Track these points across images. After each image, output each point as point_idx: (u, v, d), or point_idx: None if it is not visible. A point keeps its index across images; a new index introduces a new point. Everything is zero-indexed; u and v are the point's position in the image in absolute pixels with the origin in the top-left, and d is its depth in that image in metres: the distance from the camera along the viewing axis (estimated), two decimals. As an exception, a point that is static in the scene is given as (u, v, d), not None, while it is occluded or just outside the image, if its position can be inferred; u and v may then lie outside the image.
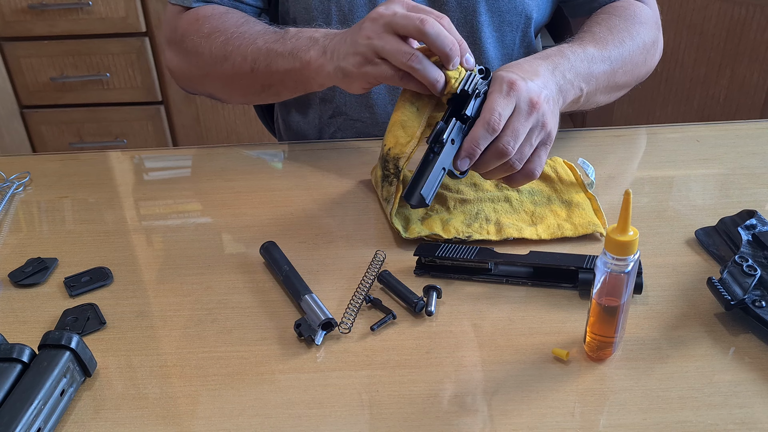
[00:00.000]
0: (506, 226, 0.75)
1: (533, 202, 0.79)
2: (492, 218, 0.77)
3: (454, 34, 0.71)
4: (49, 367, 0.55)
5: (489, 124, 0.68)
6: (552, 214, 0.77)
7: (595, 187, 0.82)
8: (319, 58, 0.77)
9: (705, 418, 0.53)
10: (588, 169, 0.82)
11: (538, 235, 0.74)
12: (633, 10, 0.94)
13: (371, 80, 0.73)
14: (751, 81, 1.83)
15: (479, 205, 0.79)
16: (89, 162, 0.95)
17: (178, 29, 0.94)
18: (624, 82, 0.90)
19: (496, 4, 0.94)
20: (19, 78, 1.99)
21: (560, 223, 0.76)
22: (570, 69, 0.79)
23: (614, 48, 0.86)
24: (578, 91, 0.81)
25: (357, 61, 0.72)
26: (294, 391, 0.57)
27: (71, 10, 1.89)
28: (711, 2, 1.82)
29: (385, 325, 0.64)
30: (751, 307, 0.60)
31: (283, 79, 0.83)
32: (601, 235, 0.74)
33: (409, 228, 0.75)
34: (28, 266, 0.73)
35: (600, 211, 0.77)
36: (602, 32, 0.88)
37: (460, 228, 0.75)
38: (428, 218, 0.77)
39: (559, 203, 0.79)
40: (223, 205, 0.84)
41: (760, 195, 0.81)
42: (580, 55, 0.82)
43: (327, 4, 0.94)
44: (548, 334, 0.62)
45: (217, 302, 0.68)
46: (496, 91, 0.69)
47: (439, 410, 0.55)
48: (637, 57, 0.90)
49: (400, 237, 0.75)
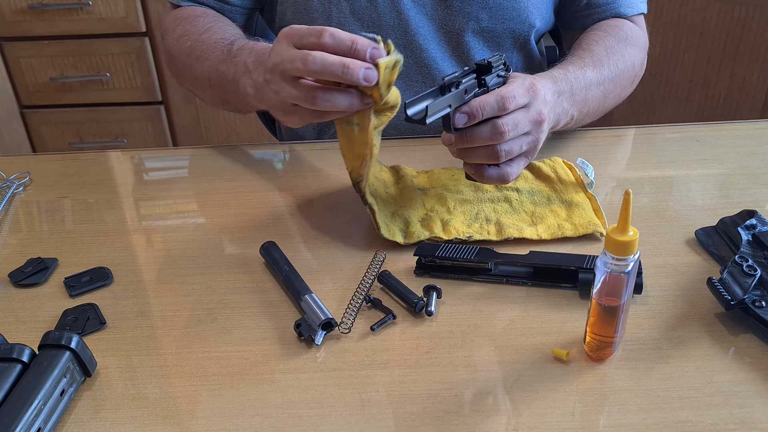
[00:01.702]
0: (507, 226, 0.75)
1: (533, 202, 0.79)
2: (492, 218, 0.77)
3: (341, 46, 0.64)
4: (49, 367, 0.55)
5: (503, 98, 0.68)
6: (552, 214, 0.77)
7: (594, 186, 0.82)
8: (254, 95, 0.74)
9: (705, 418, 0.53)
10: (587, 168, 0.82)
11: (538, 235, 0.74)
12: (626, 31, 0.95)
13: (301, 123, 0.72)
14: (751, 81, 1.83)
15: (479, 206, 0.79)
16: (89, 162, 0.95)
17: (163, 25, 0.98)
18: (610, 105, 0.92)
19: (499, 11, 0.94)
20: (19, 78, 1.99)
21: (560, 223, 0.76)
22: (570, 97, 0.80)
23: (608, 71, 0.87)
24: (569, 118, 0.82)
25: (279, 113, 0.71)
26: (294, 391, 0.57)
27: (71, 10, 1.89)
28: (711, 3, 1.82)
29: (385, 325, 0.64)
30: (751, 307, 0.61)
31: (236, 102, 0.83)
32: (602, 234, 0.74)
33: (408, 232, 0.75)
34: (28, 266, 0.73)
35: (600, 211, 0.77)
36: (600, 53, 0.89)
37: (461, 228, 0.75)
38: (428, 219, 0.77)
39: (559, 203, 0.79)
40: (223, 205, 0.84)
41: (760, 195, 0.81)
42: (580, 81, 0.82)
43: (327, 6, 0.94)
44: (548, 334, 0.62)
45: (217, 302, 0.68)
46: (519, 82, 0.71)
47: (439, 410, 0.55)
48: (626, 80, 0.92)
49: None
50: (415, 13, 0.94)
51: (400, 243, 0.73)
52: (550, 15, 0.99)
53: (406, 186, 0.82)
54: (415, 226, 0.76)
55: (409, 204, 0.79)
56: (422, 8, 0.94)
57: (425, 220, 0.77)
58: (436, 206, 0.79)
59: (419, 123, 0.64)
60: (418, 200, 0.80)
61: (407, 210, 0.78)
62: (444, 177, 0.85)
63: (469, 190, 0.81)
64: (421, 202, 0.80)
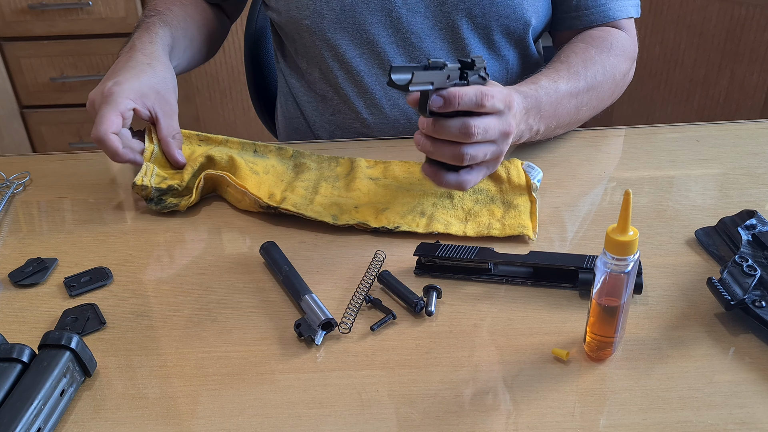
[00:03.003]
0: (436, 220, 0.76)
1: (474, 200, 0.80)
2: (427, 212, 0.78)
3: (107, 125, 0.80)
4: (49, 367, 0.55)
5: (482, 93, 0.69)
6: (488, 213, 0.78)
7: (538, 191, 0.81)
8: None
9: (705, 418, 0.53)
10: (533, 172, 0.82)
11: (464, 232, 0.75)
12: (611, 41, 0.94)
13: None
14: (751, 81, 1.83)
15: (421, 200, 0.80)
16: (89, 162, 0.95)
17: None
18: (585, 116, 0.92)
19: (493, 8, 0.94)
20: (19, 78, 1.99)
21: (491, 222, 0.76)
22: (536, 113, 0.81)
23: (585, 82, 0.88)
24: (532, 134, 0.83)
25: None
26: (294, 391, 0.57)
27: (71, 10, 1.89)
28: (711, 2, 1.83)
29: (385, 325, 0.64)
30: (751, 307, 0.61)
31: None
32: (529, 238, 0.74)
33: (340, 217, 0.77)
34: (28, 266, 0.73)
35: (535, 215, 0.77)
36: (577, 64, 0.89)
37: (392, 218, 0.77)
38: (365, 206, 0.79)
39: (500, 203, 0.79)
40: (224, 205, 0.84)
41: (760, 195, 0.81)
42: (552, 95, 0.83)
43: (319, 3, 0.94)
44: (548, 334, 0.62)
45: (217, 302, 0.68)
46: (498, 90, 0.72)
47: (439, 410, 0.55)
48: (605, 91, 0.92)
49: (401, 237, 0.75)
50: (407, 11, 0.94)
51: (330, 223, 0.76)
52: (546, 13, 0.99)
53: (356, 177, 0.85)
54: (349, 212, 0.78)
55: (352, 194, 0.81)
56: (414, 6, 0.94)
57: (360, 207, 0.79)
58: (379, 196, 0.80)
59: (402, 89, 0.65)
60: (364, 189, 0.82)
61: (348, 199, 0.80)
62: (398, 170, 0.86)
63: (417, 185, 0.83)
64: (366, 191, 0.82)
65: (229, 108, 2.08)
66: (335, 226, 0.77)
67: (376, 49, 0.97)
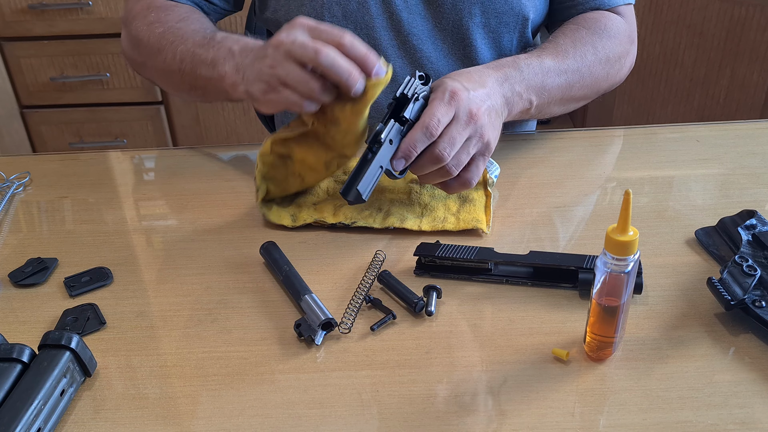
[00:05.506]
0: (392, 215, 0.77)
1: (431, 196, 0.81)
2: (384, 208, 0.79)
3: (356, 52, 0.70)
4: (49, 367, 0.55)
5: (427, 128, 0.69)
6: (443, 208, 0.79)
7: (494, 186, 0.82)
8: (233, 75, 0.77)
9: (705, 418, 0.53)
10: (491, 167, 0.82)
11: (419, 227, 0.76)
12: (604, 23, 0.93)
13: (277, 106, 0.74)
14: (751, 81, 1.83)
15: (380, 195, 0.81)
16: (89, 162, 0.95)
17: (131, 11, 0.95)
18: (582, 95, 0.91)
19: (491, 5, 0.94)
20: (19, 78, 1.99)
21: (446, 216, 0.77)
22: (521, 81, 0.80)
23: (574, 61, 0.87)
24: (527, 104, 0.82)
25: (261, 88, 0.73)
26: (294, 391, 0.57)
27: (71, 10, 1.89)
28: (711, 2, 1.82)
29: (385, 325, 0.64)
30: (751, 307, 0.61)
31: (206, 86, 0.84)
32: (483, 231, 0.75)
33: (299, 216, 0.78)
34: (28, 266, 0.73)
35: (489, 209, 0.78)
36: (565, 44, 0.88)
37: (349, 214, 0.77)
38: (323, 203, 0.79)
39: (455, 198, 0.80)
40: (223, 205, 0.84)
41: (760, 195, 0.81)
42: (535, 67, 0.82)
43: (320, 10, 0.94)
44: (548, 334, 0.62)
45: (217, 302, 0.68)
46: (438, 98, 0.71)
47: (439, 410, 0.55)
48: (598, 71, 0.90)
49: (401, 237, 0.75)
50: (408, 14, 0.94)
51: (288, 226, 0.77)
52: (543, 6, 0.99)
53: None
54: (307, 210, 0.79)
55: (312, 190, 0.82)
56: (414, 8, 0.94)
57: (320, 204, 0.79)
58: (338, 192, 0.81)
59: (363, 202, 0.70)
60: (324, 186, 0.83)
61: (307, 196, 0.81)
62: None
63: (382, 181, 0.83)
64: (325, 188, 0.82)
65: (230, 108, 2.08)
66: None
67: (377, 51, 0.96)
